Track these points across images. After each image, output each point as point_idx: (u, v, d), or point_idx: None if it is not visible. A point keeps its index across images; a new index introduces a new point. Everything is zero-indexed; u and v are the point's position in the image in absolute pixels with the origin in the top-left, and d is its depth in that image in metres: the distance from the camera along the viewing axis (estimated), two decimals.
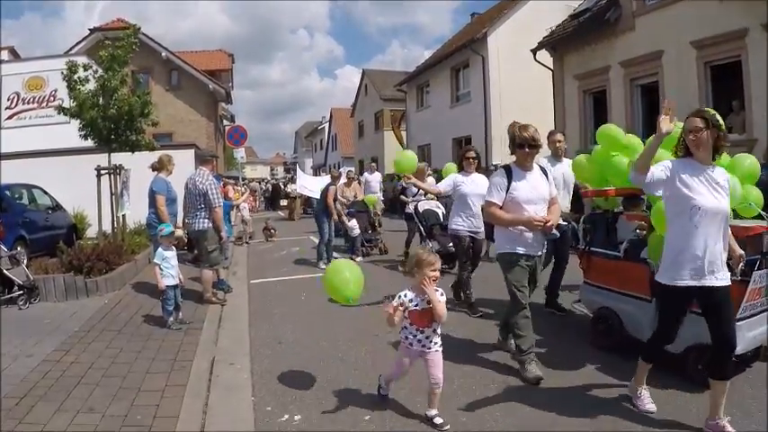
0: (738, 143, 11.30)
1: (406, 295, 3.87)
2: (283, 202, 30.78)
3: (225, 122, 33.36)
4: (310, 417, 4.07)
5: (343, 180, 14.26)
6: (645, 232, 5.31)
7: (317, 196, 11.90)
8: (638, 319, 4.92)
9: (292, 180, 26.67)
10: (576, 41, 16.22)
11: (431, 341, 3.89)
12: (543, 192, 4.76)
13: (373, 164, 18.13)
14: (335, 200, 11.39)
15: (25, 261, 8.57)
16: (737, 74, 11.38)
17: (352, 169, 20.55)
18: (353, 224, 12.09)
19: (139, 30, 10.45)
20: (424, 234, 9.52)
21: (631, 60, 14.22)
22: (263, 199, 32.10)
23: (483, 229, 6.88)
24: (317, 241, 11.52)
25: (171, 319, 6.33)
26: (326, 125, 60.17)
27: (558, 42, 17.14)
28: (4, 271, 7.47)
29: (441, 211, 9.99)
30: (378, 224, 13.02)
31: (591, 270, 5.71)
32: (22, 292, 7.31)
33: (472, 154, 7.15)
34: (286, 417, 4.09)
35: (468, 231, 6.86)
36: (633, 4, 14.13)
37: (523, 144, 4.67)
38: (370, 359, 5.30)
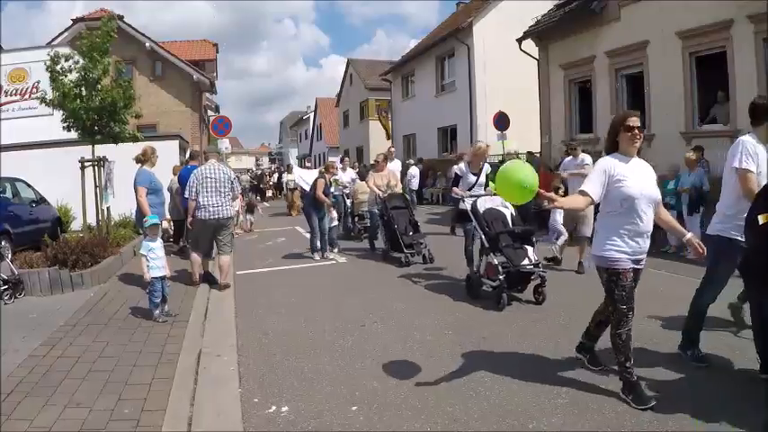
0: (723, 134, 11.43)
1: None
2: (269, 193, 30.72)
3: (209, 113, 33.17)
4: (298, 408, 4.09)
5: (349, 174, 13.62)
6: None
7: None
8: None
9: (286, 169, 25.48)
10: (562, 31, 16.25)
11: None
12: None
13: (392, 149, 15.97)
14: (325, 193, 10.60)
15: (10, 255, 8.50)
16: (722, 64, 11.45)
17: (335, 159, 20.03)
18: (333, 215, 11.37)
19: (121, 18, 10.37)
20: (486, 245, 7.03)
21: (616, 50, 14.27)
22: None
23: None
24: (302, 232, 11.49)
25: (157, 311, 6.31)
26: (311, 115, 59.98)
27: (544, 32, 17.16)
28: None
29: (509, 211, 7.44)
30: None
31: None
32: (6, 286, 7.24)
33: (637, 122, 4.12)
34: (273, 408, 4.11)
35: (633, 260, 4.04)
36: None
37: None
38: (357, 349, 5.34)
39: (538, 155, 17.00)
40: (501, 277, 6.60)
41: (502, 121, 19.49)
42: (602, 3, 14.48)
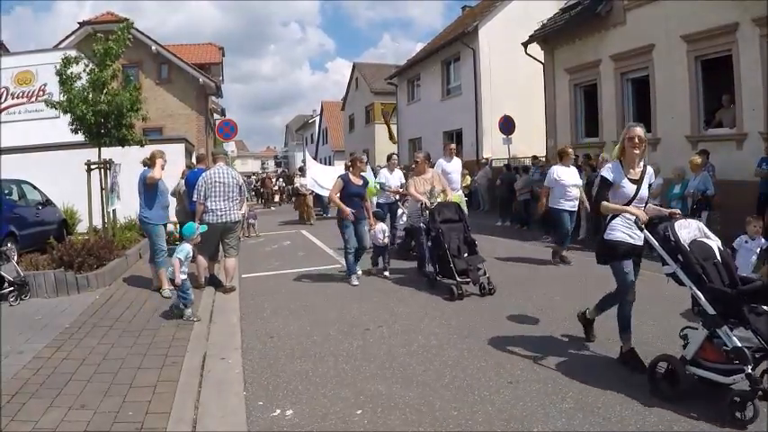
0: (728, 137, 11.39)
1: None
2: (276, 198, 30.66)
3: (215, 116, 33.26)
4: (302, 411, 4.08)
5: (398, 176, 10.95)
6: None
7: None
8: None
9: (299, 172, 24.10)
10: (567, 35, 16.24)
11: None
12: None
13: (453, 146, 11.06)
14: (348, 194, 8.46)
15: (15, 257, 8.52)
16: (728, 68, 11.42)
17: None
18: (380, 229, 9.02)
19: (132, 24, 10.42)
20: (711, 311, 3.84)
21: (622, 54, 14.24)
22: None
23: None
24: (308, 236, 11.29)
25: (190, 311, 6.48)
26: (317, 119, 60.03)
27: (549, 36, 17.16)
28: None
29: (716, 244, 4.26)
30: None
31: None
32: (12, 288, 7.27)
33: None
34: (278, 411, 4.10)
35: None
36: None
37: None
38: (362, 353, 5.33)
39: (543, 158, 16.92)
40: (748, 368, 3.62)
41: (507, 125, 19.49)
42: (608, 6, 14.47)
